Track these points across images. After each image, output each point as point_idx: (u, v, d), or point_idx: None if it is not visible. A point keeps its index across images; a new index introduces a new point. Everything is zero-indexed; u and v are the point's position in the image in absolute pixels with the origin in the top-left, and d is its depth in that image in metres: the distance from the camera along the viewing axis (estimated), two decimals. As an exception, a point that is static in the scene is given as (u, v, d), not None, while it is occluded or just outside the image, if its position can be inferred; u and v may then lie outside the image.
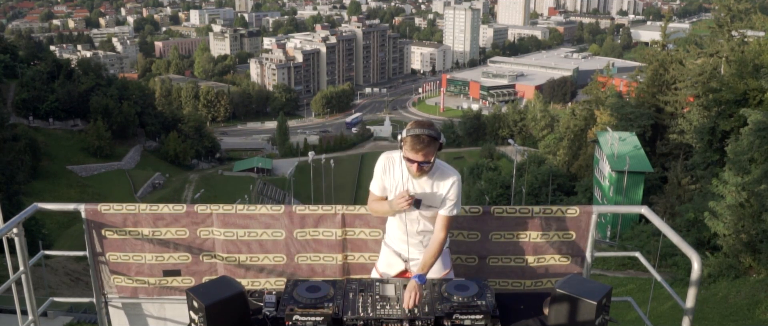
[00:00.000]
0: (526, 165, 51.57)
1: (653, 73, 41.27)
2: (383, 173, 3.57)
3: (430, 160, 3.36)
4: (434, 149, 3.34)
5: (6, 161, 44.09)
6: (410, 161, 3.36)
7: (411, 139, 3.30)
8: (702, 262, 3.33)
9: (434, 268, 3.61)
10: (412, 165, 3.37)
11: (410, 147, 3.31)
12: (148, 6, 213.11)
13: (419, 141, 3.29)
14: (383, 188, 3.60)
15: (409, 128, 3.34)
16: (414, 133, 3.29)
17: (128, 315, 4.34)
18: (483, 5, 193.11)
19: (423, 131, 3.29)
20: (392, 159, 3.55)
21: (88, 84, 69.79)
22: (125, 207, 4.04)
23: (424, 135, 3.28)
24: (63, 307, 15.94)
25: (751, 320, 10.66)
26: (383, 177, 3.57)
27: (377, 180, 3.61)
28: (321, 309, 3.24)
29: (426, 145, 3.30)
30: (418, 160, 3.32)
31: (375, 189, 3.63)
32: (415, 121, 3.41)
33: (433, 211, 3.54)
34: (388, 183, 3.57)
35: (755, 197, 16.72)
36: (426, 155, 3.32)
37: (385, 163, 3.57)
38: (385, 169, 3.56)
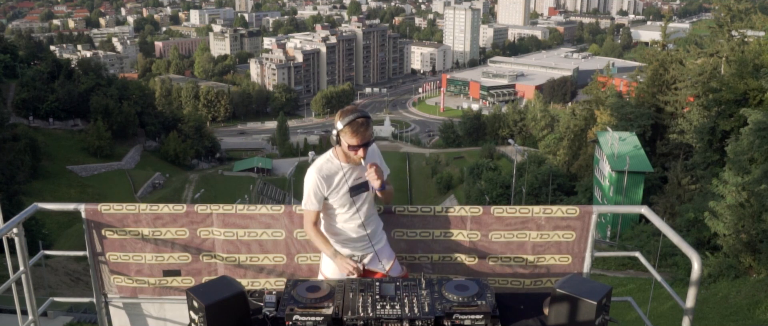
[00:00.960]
0: (526, 165, 51.55)
1: (653, 73, 41.26)
2: (321, 184, 3.62)
3: (372, 139, 3.53)
4: (371, 129, 3.52)
5: (6, 161, 44.11)
6: (356, 147, 3.48)
7: (350, 127, 3.44)
8: (702, 262, 3.32)
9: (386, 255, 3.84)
10: (359, 150, 3.49)
11: (352, 134, 3.44)
12: (148, 6, 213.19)
13: (359, 125, 3.44)
14: (320, 200, 3.66)
15: (342, 118, 3.47)
16: (351, 120, 3.43)
17: (128, 315, 4.33)
18: (483, 5, 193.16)
19: (358, 115, 3.46)
20: (323, 167, 3.65)
21: (88, 84, 69.81)
22: (125, 207, 4.04)
23: (361, 118, 3.44)
24: (63, 307, 15.95)
25: (751, 320, 10.65)
26: (321, 188, 3.62)
27: (314, 193, 3.64)
28: (321, 309, 3.24)
29: (366, 127, 3.46)
30: (362, 143, 3.46)
31: (312, 205, 3.67)
32: (341, 111, 3.53)
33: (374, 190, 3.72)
34: (328, 190, 3.64)
35: (755, 197, 16.72)
36: (366, 136, 3.47)
37: (318, 175, 3.62)
38: (322, 180, 3.62)
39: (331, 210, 3.74)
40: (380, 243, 3.87)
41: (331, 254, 3.69)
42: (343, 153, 3.57)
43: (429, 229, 4.06)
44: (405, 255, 4.09)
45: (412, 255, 4.10)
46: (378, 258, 3.82)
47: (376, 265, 3.81)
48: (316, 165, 3.67)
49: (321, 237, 3.74)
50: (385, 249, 3.88)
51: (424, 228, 4.06)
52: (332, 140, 3.55)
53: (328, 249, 3.69)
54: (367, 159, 3.60)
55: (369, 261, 3.83)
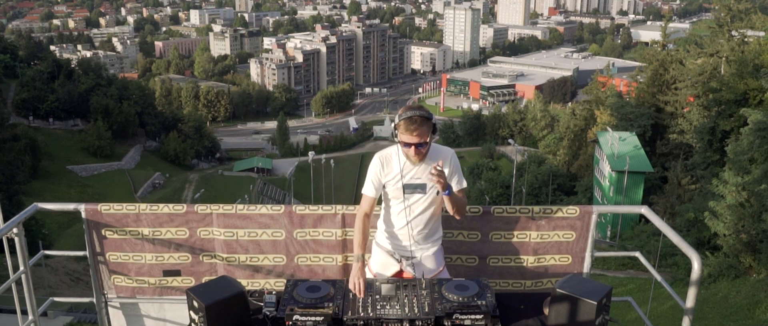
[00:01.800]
0: (526, 165, 51.56)
1: (653, 73, 41.27)
2: (381, 169, 3.59)
3: (426, 141, 3.43)
4: (428, 129, 3.42)
5: (6, 161, 44.10)
6: (407, 145, 3.43)
7: (404, 122, 3.39)
8: (702, 262, 3.33)
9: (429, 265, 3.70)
10: (410, 149, 3.44)
11: (405, 129, 3.39)
12: (148, 6, 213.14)
13: (412, 122, 3.37)
14: (378, 186, 3.62)
15: (401, 113, 3.42)
16: (407, 116, 3.38)
17: (128, 315, 4.34)
18: (483, 5, 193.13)
19: (414, 113, 3.39)
20: (387, 155, 3.61)
21: (88, 84, 69.80)
22: (125, 207, 4.04)
23: (417, 116, 3.37)
24: (63, 307, 15.97)
25: (751, 320, 10.65)
26: (380, 174, 3.60)
27: (372, 178, 3.62)
28: (321, 309, 3.24)
29: (419, 125, 3.38)
30: (414, 141, 3.40)
31: (369, 190, 3.64)
32: (406, 106, 3.50)
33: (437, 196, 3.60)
34: (386, 177, 3.60)
35: (755, 197, 16.71)
36: (420, 135, 3.39)
37: (381, 160, 3.60)
38: (382, 165, 3.59)
39: (386, 201, 3.70)
40: (429, 250, 3.74)
41: (357, 255, 3.55)
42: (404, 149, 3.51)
43: (429, 229, 4.05)
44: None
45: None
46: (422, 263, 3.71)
47: (417, 271, 3.69)
48: (381, 152, 3.65)
49: (362, 233, 3.60)
50: (430, 258, 3.74)
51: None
52: (393, 132, 3.53)
53: (359, 249, 3.57)
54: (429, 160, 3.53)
55: (411, 264, 3.71)
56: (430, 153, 3.55)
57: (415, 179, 3.58)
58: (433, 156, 3.55)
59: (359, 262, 3.51)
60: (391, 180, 3.59)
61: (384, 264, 3.75)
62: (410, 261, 3.70)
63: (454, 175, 3.60)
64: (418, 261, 3.72)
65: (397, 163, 3.56)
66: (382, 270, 3.75)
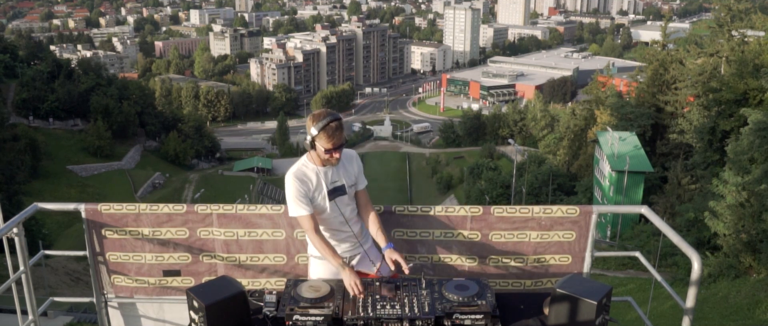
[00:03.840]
0: (526, 165, 51.55)
1: (653, 72, 41.25)
2: (301, 186, 3.60)
3: (346, 140, 3.58)
4: (343, 130, 3.55)
5: (6, 161, 44.10)
6: (332, 151, 3.50)
7: (325, 131, 3.45)
8: (702, 262, 3.32)
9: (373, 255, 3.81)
10: (335, 154, 3.53)
11: (328, 138, 3.46)
12: (148, 6, 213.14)
13: (333, 129, 3.46)
14: (308, 202, 3.60)
15: (315, 123, 3.47)
16: (325, 124, 3.45)
17: (128, 315, 4.33)
18: (483, 5, 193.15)
19: (330, 119, 3.47)
20: (299, 171, 3.65)
21: (88, 84, 69.77)
22: (125, 207, 4.04)
23: (333, 121, 3.46)
24: (63, 307, 15.97)
25: (751, 320, 10.65)
26: (303, 190, 3.59)
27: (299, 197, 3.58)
28: (321, 308, 3.25)
29: (339, 130, 3.49)
30: (338, 145, 3.50)
31: (302, 210, 3.58)
32: (313, 114, 3.54)
33: (352, 191, 3.75)
34: (311, 192, 3.63)
35: (755, 197, 16.70)
36: (341, 138, 3.51)
37: (297, 178, 3.61)
38: (301, 182, 3.61)
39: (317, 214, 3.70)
40: (368, 243, 3.86)
41: (338, 265, 3.51)
42: (319, 157, 3.59)
43: (429, 229, 4.06)
44: (405, 255, 4.08)
45: (412, 255, 4.10)
46: (368, 257, 3.81)
47: (366, 266, 3.79)
48: (292, 171, 3.65)
49: (328, 246, 3.57)
50: (372, 249, 3.86)
51: (424, 228, 4.06)
52: (307, 145, 3.56)
53: (336, 260, 3.53)
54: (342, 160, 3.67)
55: (358, 262, 3.82)
56: None
57: (334, 183, 3.67)
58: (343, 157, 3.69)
59: (345, 268, 3.49)
60: (315, 192, 3.63)
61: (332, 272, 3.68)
62: (357, 258, 3.82)
63: (360, 176, 3.79)
64: (363, 255, 3.82)
65: (313, 174, 3.63)
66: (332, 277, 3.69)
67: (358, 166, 3.78)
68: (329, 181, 3.66)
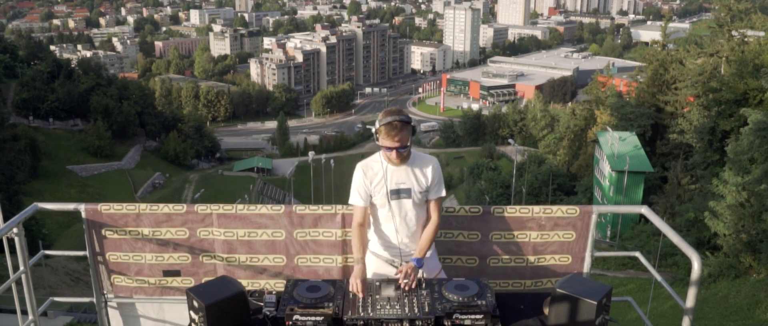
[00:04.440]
0: (526, 165, 51.56)
1: (653, 72, 41.26)
2: (364, 178, 3.65)
3: (407, 145, 3.51)
4: (408, 133, 3.50)
5: (6, 161, 44.09)
6: (388, 149, 3.49)
7: (385, 127, 3.45)
8: (702, 262, 3.32)
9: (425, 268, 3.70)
10: (392, 153, 3.51)
11: (386, 134, 3.46)
12: (148, 6, 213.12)
13: (393, 127, 3.44)
14: (365, 195, 3.66)
15: (381, 118, 3.49)
16: (387, 121, 3.45)
17: (128, 315, 4.33)
18: (483, 5, 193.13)
19: (394, 117, 3.45)
20: (368, 163, 3.68)
21: (88, 84, 69.79)
22: (125, 207, 4.04)
23: (396, 121, 3.44)
24: (63, 307, 15.98)
25: (751, 320, 10.65)
26: (365, 182, 3.65)
27: (358, 188, 3.65)
28: (321, 309, 3.25)
29: (400, 130, 3.45)
30: (395, 146, 3.47)
31: (357, 200, 3.67)
32: (385, 110, 3.54)
33: (422, 198, 3.67)
34: (371, 185, 3.65)
35: (755, 197, 16.70)
36: (402, 140, 3.47)
37: (363, 169, 3.67)
38: (365, 174, 3.65)
39: (374, 210, 3.73)
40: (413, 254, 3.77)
41: (357, 259, 3.58)
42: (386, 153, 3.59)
43: (429, 229, 4.05)
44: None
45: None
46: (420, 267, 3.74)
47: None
48: (362, 162, 3.71)
49: (359, 240, 3.64)
50: (429, 259, 3.76)
51: (424, 228, 4.05)
52: (375, 138, 3.58)
53: (358, 253, 3.60)
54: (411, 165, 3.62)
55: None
56: (413, 158, 3.65)
57: (400, 184, 3.64)
58: (417, 162, 3.65)
59: (360, 264, 3.55)
60: (377, 187, 3.64)
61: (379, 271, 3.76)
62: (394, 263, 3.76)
63: (434, 184, 3.68)
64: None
65: (380, 170, 3.62)
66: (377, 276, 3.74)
67: (434, 175, 3.67)
68: (394, 181, 3.63)
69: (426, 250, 3.66)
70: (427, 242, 3.67)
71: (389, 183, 3.62)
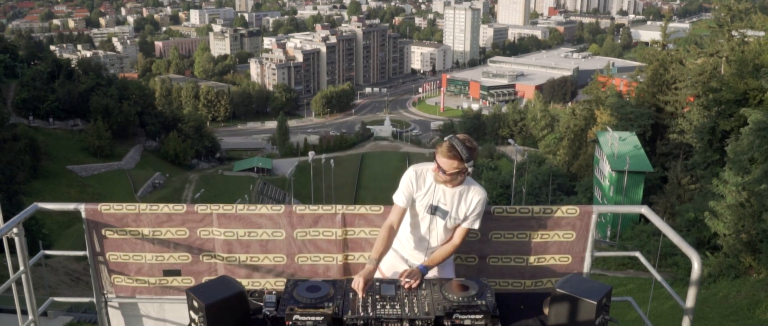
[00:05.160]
0: (526, 165, 51.58)
1: (653, 72, 41.27)
2: (414, 183, 3.65)
3: (449, 174, 3.47)
4: (459, 168, 3.46)
5: (6, 161, 44.07)
6: (439, 169, 3.49)
7: (448, 144, 3.44)
8: (702, 262, 3.32)
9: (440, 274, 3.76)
10: (440, 173, 3.51)
11: (441, 153, 3.45)
12: (148, 6, 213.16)
13: (451, 150, 3.43)
14: (409, 199, 3.66)
15: (455, 136, 3.47)
16: (454, 142, 3.43)
17: (128, 315, 4.33)
18: (483, 5, 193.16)
19: (459, 145, 3.42)
20: (422, 171, 3.67)
21: (88, 84, 69.79)
22: (125, 207, 4.04)
23: (459, 149, 3.41)
24: (63, 307, 15.98)
25: (751, 320, 10.65)
26: (412, 187, 3.65)
27: (404, 190, 3.66)
28: (321, 308, 3.24)
29: (452, 158, 3.43)
30: (443, 168, 3.46)
31: (400, 200, 3.67)
32: (466, 135, 3.53)
33: (453, 223, 3.68)
34: (417, 192, 3.65)
35: (755, 197, 16.71)
36: (449, 166, 3.45)
37: (416, 173, 3.66)
38: (416, 179, 3.65)
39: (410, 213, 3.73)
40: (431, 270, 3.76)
41: (373, 258, 3.55)
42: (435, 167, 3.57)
43: (429, 229, 4.05)
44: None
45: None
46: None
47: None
48: (418, 165, 3.71)
49: (385, 239, 3.59)
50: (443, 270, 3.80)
51: (425, 228, 4.05)
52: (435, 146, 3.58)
53: (376, 252, 3.56)
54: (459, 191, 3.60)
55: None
56: (466, 185, 3.62)
57: (442, 204, 3.64)
58: (468, 190, 3.63)
59: (373, 264, 3.50)
60: (421, 196, 3.66)
61: (395, 266, 3.80)
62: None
63: (471, 215, 3.65)
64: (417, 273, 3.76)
65: (430, 181, 3.63)
66: (390, 270, 3.79)
67: (477, 208, 3.64)
68: (438, 198, 3.63)
69: (436, 263, 3.68)
70: (440, 257, 3.69)
71: (432, 198, 3.63)
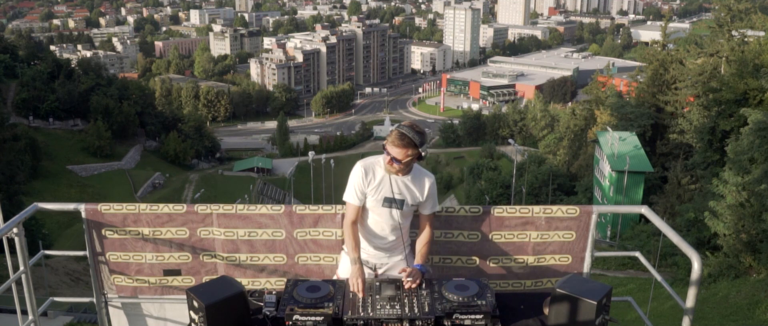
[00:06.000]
0: (526, 165, 51.54)
1: (653, 72, 41.28)
2: (364, 178, 3.63)
3: (403, 162, 3.48)
4: (413, 155, 3.47)
5: (6, 161, 44.09)
6: (391, 159, 3.49)
7: (397, 133, 3.45)
8: (702, 262, 3.32)
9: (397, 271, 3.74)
10: (393, 163, 3.51)
11: (392, 143, 3.45)
12: (148, 6, 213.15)
13: (402, 138, 3.43)
14: (361, 195, 3.64)
15: (402, 124, 3.49)
16: (398, 132, 3.45)
17: (128, 314, 4.33)
18: (483, 5, 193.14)
19: (406, 131, 3.44)
20: (370, 164, 3.66)
21: (88, 84, 69.84)
22: (125, 207, 4.04)
23: (409, 135, 3.42)
24: (63, 307, 15.98)
25: (751, 320, 10.65)
26: (363, 182, 3.63)
27: (355, 185, 3.64)
28: (321, 308, 3.24)
29: (406, 146, 3.43)
30: (396, 157, 3.46)
31: (352, 198, 3.65)
32: (411, 121, 3.55)
33: (410, 211, 3.70)
34: (368, 186, 3.64)
35: (755, 197, 16.70)
36: (403, 155, 3.45)
37: (364, 168, 3.64)
38: (365, 174, 3.63)
39: (363, 211, 3.72)
40: (399, 256, 3.82)
41: (352, 259, 3.59)
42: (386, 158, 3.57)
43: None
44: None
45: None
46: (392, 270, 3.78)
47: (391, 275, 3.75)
48: (364, 160, 3.69)
49: (353, 239, 3.64)
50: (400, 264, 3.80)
51: (424, 228, 4.05)
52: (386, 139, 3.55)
53: (353, 253, 3.60)
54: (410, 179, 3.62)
55: (385, 270, 3.80)
56: (413, 172, 3.64)
57: (395, 194, 3.64)
58: (416, 176, 3.65)
59: (356, 264, 3.55)
60: (373, 190, 3.64)
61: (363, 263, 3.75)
62: (383, 268, 3.80)
63: (428, 201, 3.70)
64: (390, 268, 3.80)
65: (380, 174, 3.63)
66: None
67: (430, 192, 3.68)
68: (390, 189, 3.63)
69: (425, 257, 3.71)
70: (425, 251, 3.72)
71: (385, 190, 3.63)
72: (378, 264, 3.79)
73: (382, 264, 3.80)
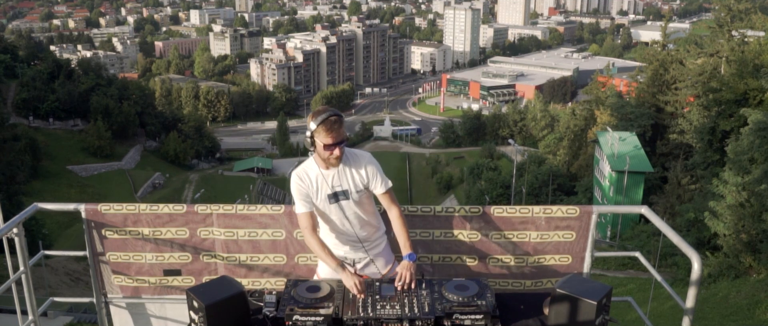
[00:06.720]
0: (526, 165, 51.54)
1: (653, 73, 41.28)
2: (301, 185, 3.59)
3: (346, 138, 3.46)
4: (344, 126, 3.47)
5: (6, 161, 44.09)
6: (331, 147, 3.43)
7: (323, 126, 3.38)
8: (702, 262, 3.32)
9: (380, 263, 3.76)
10: (334, 151, 3.44)
11: (326, 133, 3.39)
12: (148, 6, 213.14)
13: (331, 123, 3.39)
14: (308, 200, 3.60)
15: (314, 118, 3.42)
16: (323, 118, 3.39)
17: (128, 314, 4.33)
18: (483, 5, 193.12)
19: (329, 114, 3.40)
20: (302, 171, 3.62)
21: (88, 84, 69.83)
22: (125, 207, 4.04)
23: (332, 116, 3.39)
24: (63, 307, 15.98)
25: (751, 320, 10.64)
26: (303, 188, 3.59)
27: (300, 194, 3.58)
28: (321, 309, 3.24)
29: (339, 125, 3.41)
30: (338, 140, 3.41)
31: (301, 208, 3.59)
32: (313, 112, 3.47)
33: (361, 196, 3.63)
34: (311, 191, 3.60)
35: (755, 197, 16.71)
36: (340, 134, 3.42)
37: (299, 176, 3.60)
38: (302, 181, 3.59)
39: (322, 216, 3.69)
40: (376, 248, 3.80)
41: (334, 266, 3.50)
42: (321, 158, 3.52)
43: (429, 229, 4.05)
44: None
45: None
46: (374, 264, 3.77)
47: (371, 272, 3.74)
48: (296, 169, 3.65)
49: (322, 247, 3.56)
50: (382, 254, 3.81)
51: (424, 228, 4.05)
52: (307, 144, 3.50)
53: (332, 261, 3.51)
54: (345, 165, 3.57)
55: (362, 267, 3.77)
56: (346, 158, 3.59)
57: (336, 187, 3.60)
58: (351, 159, 3.61)
59: (344, 268, 3.48)
60: (314, 194, 3.60)
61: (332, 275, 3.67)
62: (362, 263, 3.76)
63: (374, 179, 3.62)
64: (369, 261, 3.78)
65: (314, 176, 3.59)
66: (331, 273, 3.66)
67: (371, 169, 3.61)
68: (331, 185, 3.59)
69: (409, 242, 3.62)
70: (405, 234, 3.62)
71: (326, 187, 3.59)
72: (356, 259, 3.75)
73: (356, 261, 3.75)
